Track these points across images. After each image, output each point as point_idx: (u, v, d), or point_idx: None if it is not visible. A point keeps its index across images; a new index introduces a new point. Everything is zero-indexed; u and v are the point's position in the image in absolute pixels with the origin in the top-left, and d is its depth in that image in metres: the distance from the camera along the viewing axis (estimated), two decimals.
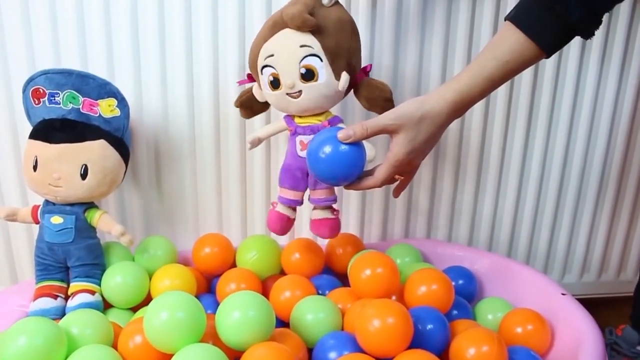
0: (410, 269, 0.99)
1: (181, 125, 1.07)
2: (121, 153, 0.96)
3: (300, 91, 0.89)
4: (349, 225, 1.16)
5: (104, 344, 0.81)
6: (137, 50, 1.02)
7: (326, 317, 0.87)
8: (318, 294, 0.97)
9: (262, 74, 0.91)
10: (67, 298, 0.96)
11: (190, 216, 1.13)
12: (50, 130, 0.93)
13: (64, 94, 0.93)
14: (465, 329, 0.86)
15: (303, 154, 0.91)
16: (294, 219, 0.96)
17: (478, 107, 1.10)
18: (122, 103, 0.95)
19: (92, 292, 0.95)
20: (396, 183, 0.87)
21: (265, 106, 0.98)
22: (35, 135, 0.94)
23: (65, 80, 0.93)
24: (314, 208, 0.95)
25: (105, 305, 0.97)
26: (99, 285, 0.97)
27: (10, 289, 1.03)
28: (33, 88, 0.93)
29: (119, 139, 0.96)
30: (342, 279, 1.04)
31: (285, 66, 0.88)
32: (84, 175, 0.93)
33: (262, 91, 0.94)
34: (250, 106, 0.98)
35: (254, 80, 0.96)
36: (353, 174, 0.80)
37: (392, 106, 0.89)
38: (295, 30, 0.86)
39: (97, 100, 0.93)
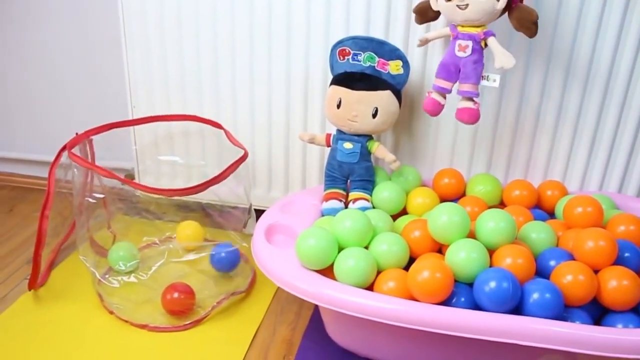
0: (607, 214, 1.15)
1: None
2: (399, 102, 1.23)
3: (467, 4, 1.09)
4: (554, 174, 1.36)
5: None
6: (407, 40, 1.28)
7: (546, 237, 1.08)
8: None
9: None
10: (346, 204, 1.26)
11: (429, 154, 1.39)
12: (352, 80, 1.21)
13: (365, 55, 1.21)
14: None
15: (459, 54, 1.14)
16: (443, 105, 1.20)
17: None
18: (406, 65, 1.22)
19: (367, 200, 1.24)
20: None
21: (436, 15, 1.18)
22: (339, 83, 1.22)
23: (367, 45, 1.20)
24: (461, 99, 1.17)
25: None
26: (371, 196, 1.26)
27: (303, 192, 1.35)
28: (340, 48, 1.22)
29: (399, 92, 1.23)
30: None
31: None
32: (374, 115, 1.21)
33: (437, 2, 1.14)
34: (425, 13, 1.18)
35: None
36: None
37: (537, 29, 1.09)
38: None
39: (388, 61, 1.21)
